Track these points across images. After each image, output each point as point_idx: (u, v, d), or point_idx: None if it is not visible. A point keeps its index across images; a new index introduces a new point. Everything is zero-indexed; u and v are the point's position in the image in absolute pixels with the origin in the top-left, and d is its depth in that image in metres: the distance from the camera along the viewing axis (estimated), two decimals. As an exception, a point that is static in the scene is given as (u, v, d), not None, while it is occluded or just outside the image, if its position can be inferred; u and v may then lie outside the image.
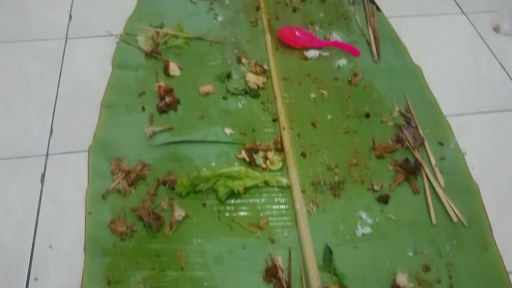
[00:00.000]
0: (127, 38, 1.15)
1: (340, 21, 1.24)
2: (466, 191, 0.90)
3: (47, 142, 0.95)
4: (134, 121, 0.98)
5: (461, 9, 1.32)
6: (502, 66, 1.16)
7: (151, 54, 1.11)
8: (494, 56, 1.19)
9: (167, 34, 1.15)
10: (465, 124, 1.02)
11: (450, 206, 0.87)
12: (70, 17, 1.22)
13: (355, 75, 1.10)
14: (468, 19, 1.29)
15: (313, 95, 1.05)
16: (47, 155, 0.92)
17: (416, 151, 0.95)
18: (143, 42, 1.14)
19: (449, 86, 1.10)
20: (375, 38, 1.19)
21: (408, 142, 0.96)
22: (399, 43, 1.19)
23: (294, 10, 1.26)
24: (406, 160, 0.93)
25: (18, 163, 0.91)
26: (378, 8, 1.29)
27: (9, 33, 1.16)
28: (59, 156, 0.92)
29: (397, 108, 1.03)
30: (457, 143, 0.98)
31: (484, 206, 0.87)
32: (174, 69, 1.07)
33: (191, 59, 1.11)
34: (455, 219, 0.85)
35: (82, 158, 0.92)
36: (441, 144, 0.98)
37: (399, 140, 0.97)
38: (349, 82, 1.09)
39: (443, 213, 0.86)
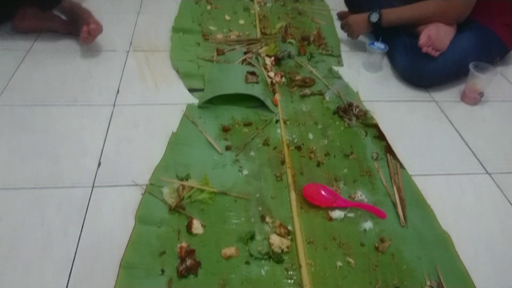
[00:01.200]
0: (152, 189, 1.16)
1: (364, 178, 1.25)
2: None
3: (60, 307, 0.90)
4: (152, 286, 0.94)
5: (485, 169, 1.32)
6: (534, 235, 1.12)
7: (175, 209, 1.10)
8: (525, 223, 1.15)
9: (192, 187, 1.15)
10: (503, 304, 0.96)
11: None
12: (99, 164, 1.24)
13: (382, 241, 1.06)
14: (493, 179, 1.29)
15: (339, 263, 1.01)
16: (57, 324, 0.88)
17: (453, 338, 0.88)
18: (168, 194, 1.14)
19: (480, 256, 1.06)
20: (401, 199, 1.18)
21: (444, 326, 0.90)
22: (425, 205, 1.17)
23: (318, 165, 1.28)
24: None
25: (26, 332, 0.86)
26: (402, 166, 1.30)
27: (39, 179, 1.18)
28: (70, 326, 0.87)
29: (428, 283, 0.98)
30: (496, 329, 0.91)
31: None
32: (197, 227, 1.06)
33: (215, 216, 1.10)
34: None
35: (94, 329, 0.86)
36: (479, 329, 0.91)
37: (433, 323, 0.91)
38: (376, 248, 1.05)
39: None
